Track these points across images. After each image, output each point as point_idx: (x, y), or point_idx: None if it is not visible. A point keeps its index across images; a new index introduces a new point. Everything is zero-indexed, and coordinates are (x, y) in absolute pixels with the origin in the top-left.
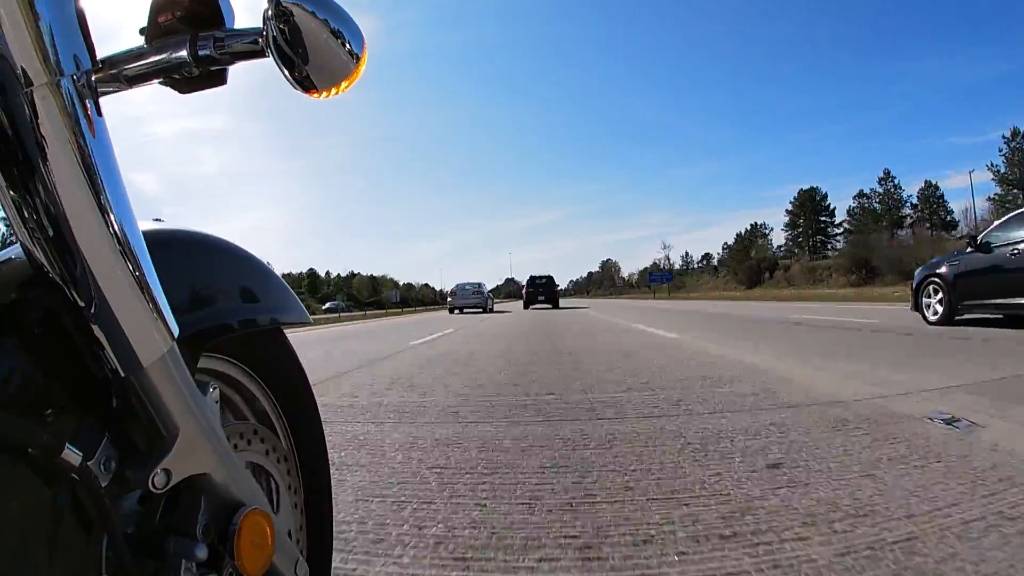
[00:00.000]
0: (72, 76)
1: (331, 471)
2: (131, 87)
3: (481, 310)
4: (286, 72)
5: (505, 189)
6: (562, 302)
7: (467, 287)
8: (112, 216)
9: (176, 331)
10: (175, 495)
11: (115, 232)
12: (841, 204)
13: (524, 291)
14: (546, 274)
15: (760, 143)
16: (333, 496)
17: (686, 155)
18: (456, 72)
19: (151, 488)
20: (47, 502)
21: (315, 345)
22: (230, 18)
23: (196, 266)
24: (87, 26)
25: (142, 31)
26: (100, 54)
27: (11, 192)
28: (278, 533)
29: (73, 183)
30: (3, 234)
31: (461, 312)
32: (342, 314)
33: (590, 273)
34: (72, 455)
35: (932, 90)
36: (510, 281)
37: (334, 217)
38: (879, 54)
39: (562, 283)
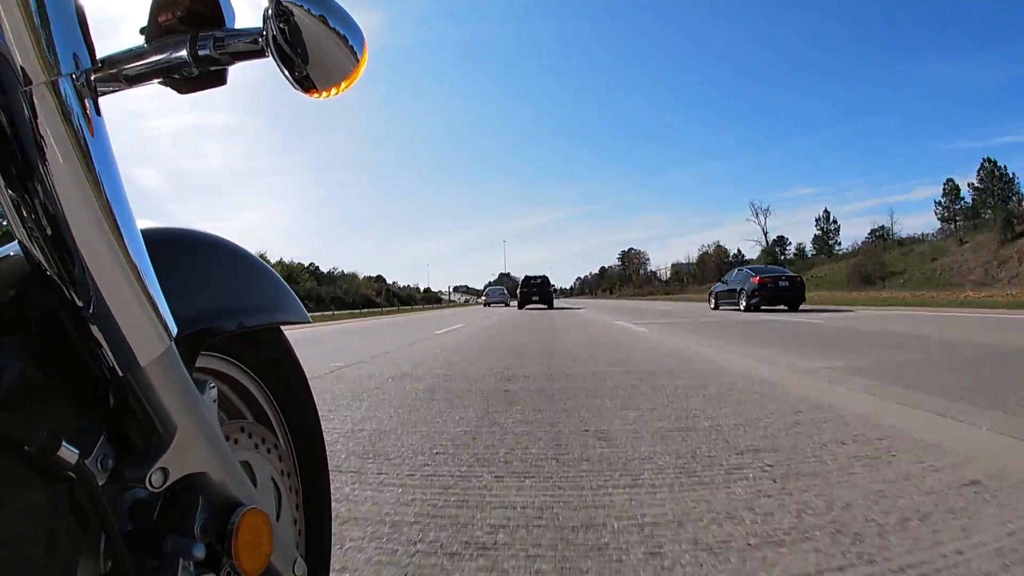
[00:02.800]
0: (71, 75)
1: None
2: (130, 87)
3: (503, 304)
4: (286, 72)
5: (507, 188)
6: (563, 302)
7: (495, 290)
8: (111, 215)
9: (174, 330)
10: (173, 494)
11: (113, 231)
12: (845, 209)
13: (519, 290)
14: (541, 274)
15: (764, 145)
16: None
17: (689, 157)
18: (458, 70)
19: (148, 487)
20: (44, 500)
21: None
22: (230, 18)
23: (194, 265)
24: (87, 25)
25: (142, 30)
26: (100, 53)
27: (9, 191)
28: (276, 532)
29: (72, 182)
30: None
31: (489, 306)
32: None
33: (603, 269)
34: (69, 453)
35: (938, 94)
36: (505, 277)
37: (336, 214)
38: (885, 58)
39: (567, 282)
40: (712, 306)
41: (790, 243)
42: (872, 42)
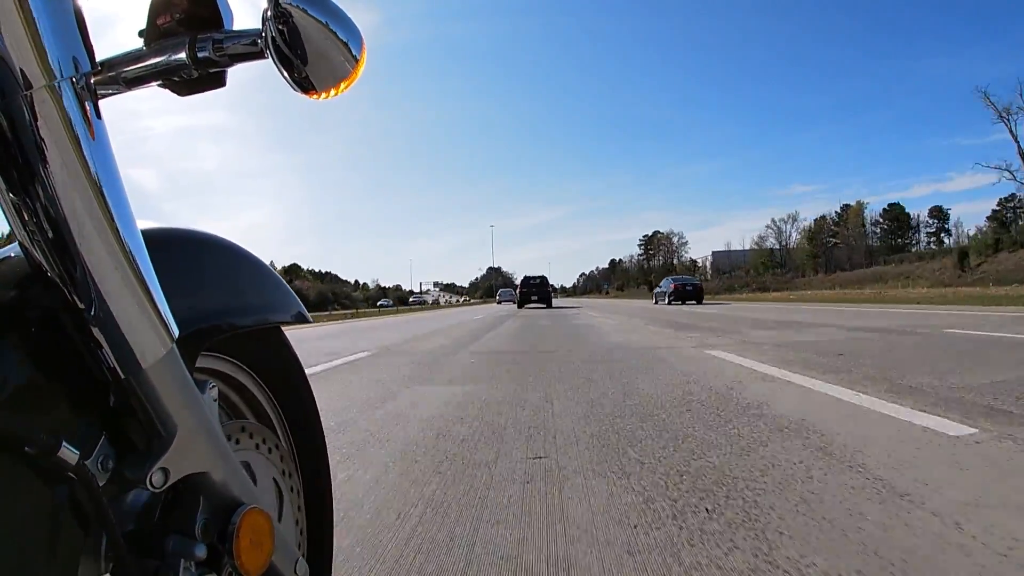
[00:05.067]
0: (71, 79)
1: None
2: (130, 89)
3: (512, 302)
4: (285, 73)
5: (506, 187)
6: (564, 302)
7: (505, 291)
8: (111, 217)
9: (175, 331)
10: (174, 494)
11: (114, 233)
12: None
13: (518, 291)
14: (539, 274)
15: (764, 141)
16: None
17: (689, 153)
18: (456, 68)
19: (149, 487)
20: (44, 501)
21: None
22: (229, 20)
23: (195, 265)
24: (86, 28)
25: (141, 33)
26: (99, 56)
27: (10, 194)
28: (277, 532)
29: (72, 185)
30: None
31: (501, 303)
32: None
33: (615, 262)
34: (69, 454)
35: (937, 89)
36: (494, 272)
37: (333, 215)
38: (884, 53)
39: (570, 279)
40: (654, 302)
41: None
42: (870, 38)
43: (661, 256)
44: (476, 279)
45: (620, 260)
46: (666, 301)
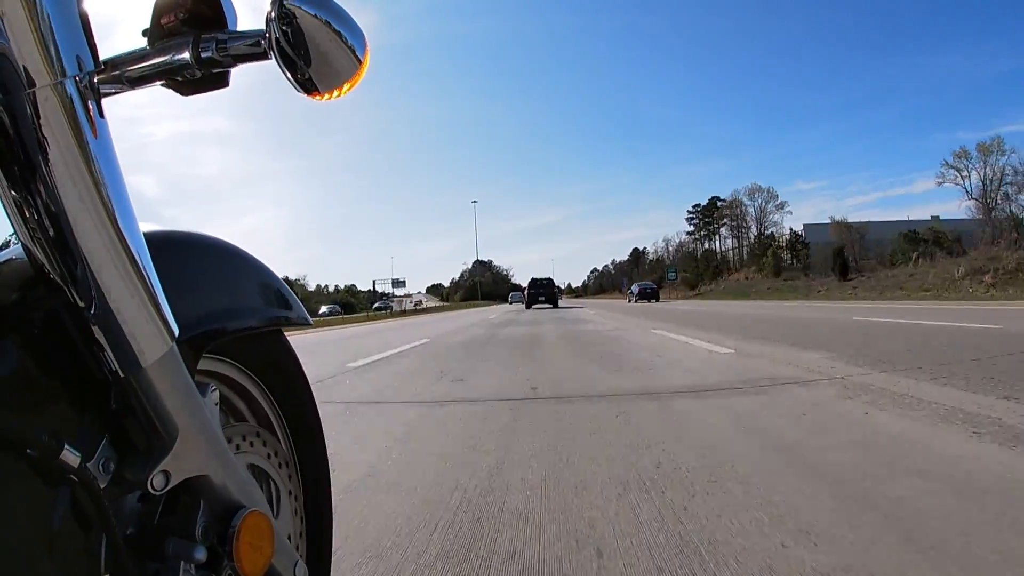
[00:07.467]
0: (75, 77)
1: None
2: (133, 88)
3: (523, 303)
4: (288, 74)
5: (507, 188)
6: (577, 302)
7: (516, 294)
8: (113, 217)
9: (176, 332)
10: (174, 497)
11: (116, 233)
12: (847, 203)
13: (526, 292)
14: (546, 276)
15: (767, 141)
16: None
17: (692, 153)
18: (456, 67)
19: (150, 489)
20: (46, 503)
21: None
22: (233, 20)
23: (197, 268)
24: (90, 27)
25: (144, 32)
26: (103, 55)
27: (12, 192)
28: (277, 535)
29: (75, 184)
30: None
31: (511, 304)
32: None
33: (638, 251)
34: (71, 456)
35: (938, 85)
36: (480, 265)
37: (335, 218)
38: (887, 50)
39: (578, 279)
40: (628, 301)
41: None
42: (872, 34)
43: (726, 231)
44: (463, 274)
45: (644, 250)
46: (633, 301)
